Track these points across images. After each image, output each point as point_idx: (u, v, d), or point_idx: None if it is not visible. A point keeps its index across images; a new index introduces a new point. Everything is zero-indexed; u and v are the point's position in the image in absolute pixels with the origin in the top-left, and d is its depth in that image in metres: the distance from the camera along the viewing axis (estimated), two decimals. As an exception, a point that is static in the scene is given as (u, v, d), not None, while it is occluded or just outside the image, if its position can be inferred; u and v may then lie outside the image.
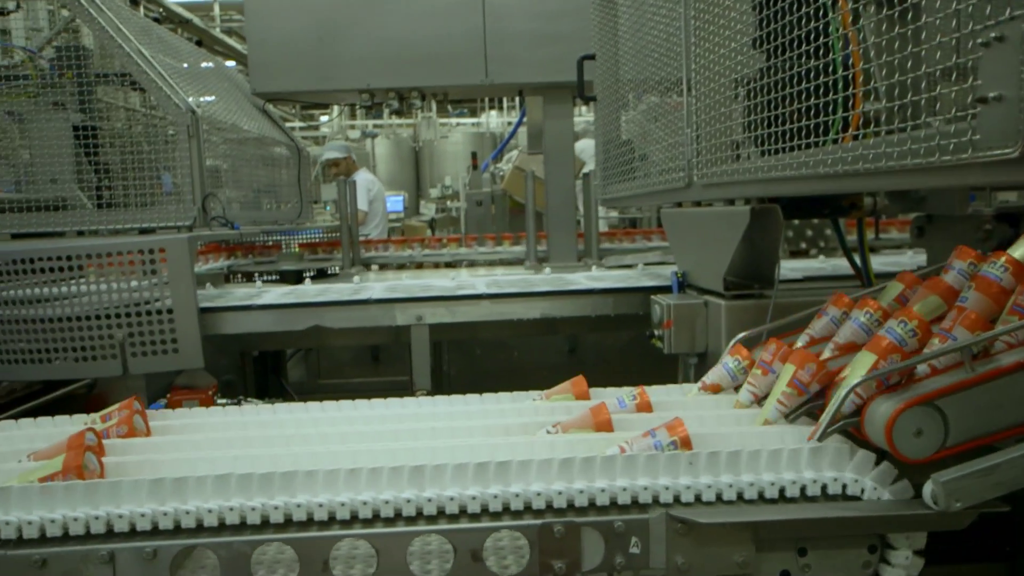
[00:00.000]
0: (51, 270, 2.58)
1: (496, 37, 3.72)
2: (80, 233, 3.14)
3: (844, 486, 1.37)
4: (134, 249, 2.46)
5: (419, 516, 1.39)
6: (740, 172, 1.79)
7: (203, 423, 1.84)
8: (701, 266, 2.45)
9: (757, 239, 2.08)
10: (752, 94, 1.68)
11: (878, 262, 2.98)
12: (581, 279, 3.11)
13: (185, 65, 3.72)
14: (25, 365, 2.59)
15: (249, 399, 2.62)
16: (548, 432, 1.66)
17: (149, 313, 2.44)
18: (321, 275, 4.08)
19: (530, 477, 1.41)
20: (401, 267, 4.39)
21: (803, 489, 1.38)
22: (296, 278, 4.02)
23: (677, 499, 1.38)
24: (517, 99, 5.03)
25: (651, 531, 1.36)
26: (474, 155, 7.98)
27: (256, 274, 3.97)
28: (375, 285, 3.15)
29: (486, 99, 14.31)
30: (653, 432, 1.50)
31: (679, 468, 1.40)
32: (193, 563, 1.43)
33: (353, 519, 1.37)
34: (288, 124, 5.41)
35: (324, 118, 15.27)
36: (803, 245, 3.70)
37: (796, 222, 3.68)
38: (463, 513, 1.39)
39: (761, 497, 1.38)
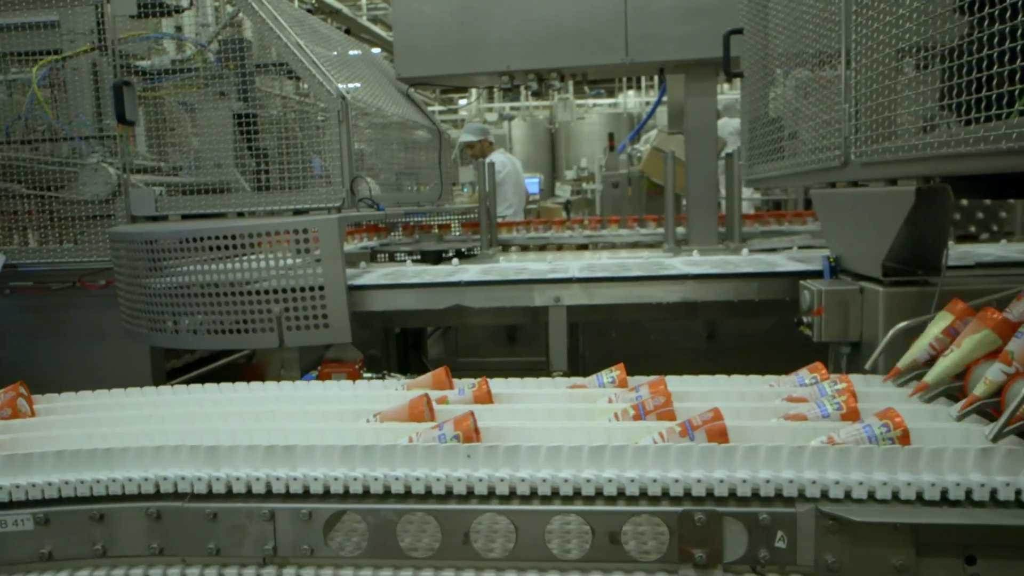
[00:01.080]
0: (216, 248, 2.78)
1: (637, 15, 3.65)
2: (240, 214, 3.36)
3: (1019, 492, 1.26)
4: (289, 229, 2.61)
5: (555, 495, 1.39)
6: (907, 150, 1.66)
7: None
8: (856, 250, 2.31)
9: (921, 221, 1.93)
10: (933, 62, 1.55)
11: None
12: (723, 262, 3.01)
13: (334, 53, 3.88)
14: (195, 335, 2.81)
15: (392, 374, 2.74)
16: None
17: (303, 290, 2.59)
18: (459, 255, 4.18)
19: (668, 463, 1.38)
20: (537, 248, 4.42)
21: (968, 493, 1.28)
22: (436, 258, 4.13)
23: (825, 495, 1.31)
24: (656, 78, 4.91)
25: (799, 526, 1.30)
26: (611, 136, 7.88)
27: (398, 254, 4.12)
28: (514, 266, 3.19)
29: (624, 79, 14.07)
30: (865, 424, 1.41)
31: (826, 462, 1.33)
32: (343, 527, 1.51)
33: (491, 495, 1.40)
34: (428, 108, 5.57)
35: (463, 101, 15.58)
36: (972, 229, 3.40)
37: (964, 203, 3.39)
38: (599, 495, 1.39)
39: (919, 499, 1.29)
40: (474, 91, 13.92)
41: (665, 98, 4.30)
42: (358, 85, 3.80)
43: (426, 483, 1.40)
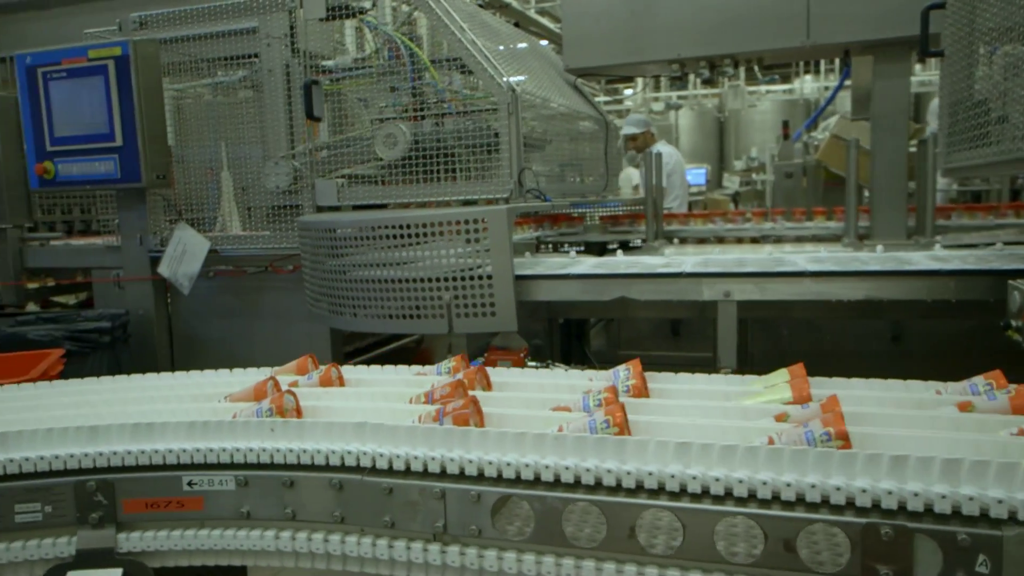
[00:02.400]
0: (391, 237, 2.92)
1: (820, -7, 3.43)
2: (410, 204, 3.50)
3: None
4: (460, 219, 2.69)
5: (727, 496, 1.35)
6: None
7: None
8: (1077, 247, 2.05)
9: None
10: None
11: None
12: (916, 258, 2.77)
13: (500, 47, 3.95)
14: (370, 319, 2.97)
15: (556, 364, 2.76)
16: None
17: (472, 278, 2.66)
18: (623, 247, 4.13)
19: (855, 471, 1.29)
20: (702, 241, 4.29)
21: None
22: (600, 249, 4.11)
23: (1039, 520, 1.17)
24: (838, 61, 4.59)
25: (1005, 551, 1.17)
26: (785, 124, 7.49)
27: (563, 244, 4.13)
28: (683, 259, 3.11)
29: (801, 63, 13.30)
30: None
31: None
32: (509, 510, 1.54)
33: (660, 490, 1.37)
34: (594, 99, 5.55)
35: (628, 91, 15.39)
36: None
37: None
38: (775, 499, 1.32)
39: None
40: (639, 80, 13.72)
41: (848, 82, 4.01)
42: (524, 77, 3.85)
43: (596, 474, 1.39)
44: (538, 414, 1.67)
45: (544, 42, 8.35)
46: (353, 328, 3.37)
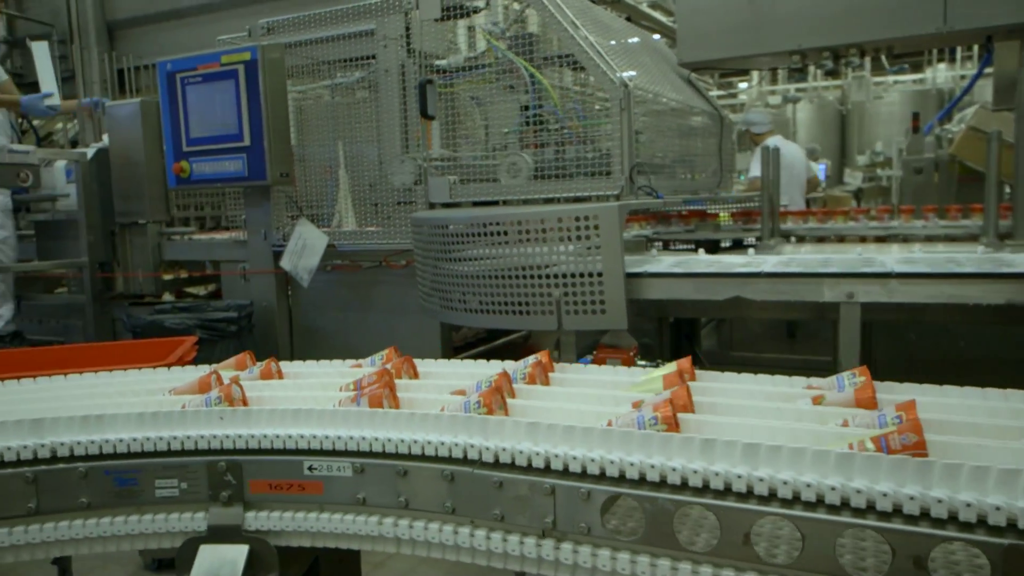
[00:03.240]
0: (501, 233, 2.95)
1: (959, -25, 3.20)
2: (523, 202, 3.53)
3: None
4: (571, 216, 2.68)
5: (844, 506, 1.28)
6: None
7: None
8: None
9: None
10: None
11: None
12: (1064, 261, 2.55)
13: (612, 42, 3.91)
14: (479, 314, 3.01)
15: (664, 363, 2.70)
16: None
17: (582, 275, 2.65)
18: (737, 245, 4.01)
19: (987, 486, 1.20)
20: (821, 240, 4.09)
21: None
22: (713, 247, 4.01)
23: None
24: (976, 48, 4.28)
25: None
26: (915, 116, 7.04)
27: (674, 242, 4.06)
28: (801, 258, 2.99)
29: (934, 51, 12.47)
30: None
31: None
32: (620, 510, 1.52)
33: (771, 496, 1.32)
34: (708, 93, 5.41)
35: (743, 85, 14.92)
36: None
37: None
38: (896, 512, 1.25)
39: None
40: (755, 73, 13.27)
41: (989, 69, 3.73)
42: (634, 73, 3.80)
43: (704, 476, 1.36)
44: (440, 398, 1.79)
45: (656, 36, 8.21)
46: (462, 323, 3.43)
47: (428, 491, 1.59)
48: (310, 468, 1.67)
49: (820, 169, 9.75)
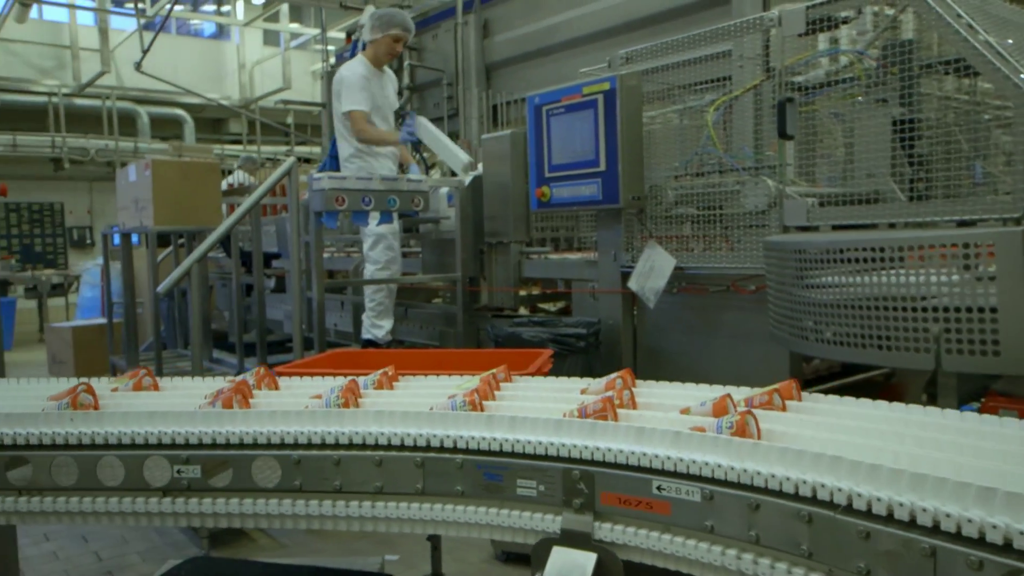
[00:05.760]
0: (864, 260, 2.70)
1: None
2: (891, 225, 3.19)
3: None
4: (958, 242, 2.35)
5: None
6: None
7: None
8: None
9: None
10: None
11: None
12: None
13: (1009, 40, 3.36)
14: (836, 346, 2.78)
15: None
16: None
17: (969, 310, 2.30)
18: None
19: None
20: None
21: None
22: None
23: None
24: None
25: None
26: None
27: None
28: None
29: None
30: None
31: None
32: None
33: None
34: None
35: None
36: None
37: None
38: None
39: None
40: None
41: None
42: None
43: None
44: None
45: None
46: (816, 354, 3.20)
47: (780, 529, 1.50)
48: (658, 488, 1.68)
49: None
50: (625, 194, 3.89)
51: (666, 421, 1.88)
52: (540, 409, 2.02)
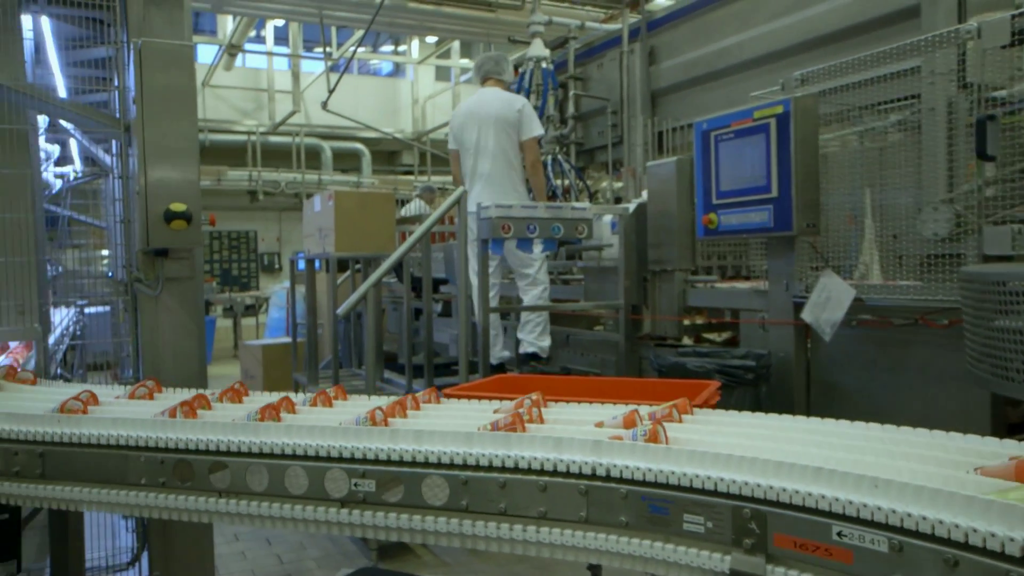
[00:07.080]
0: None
1: None
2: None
3: None
4: None
5: None
6: None
7: None
8: None
9: None
10: None
11: None
12: None
13: None
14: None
15: None
16: None
17: None
18: None
19: None
20: None
21: None
22: None
23: None
24: None
25: None
26: None
27: None
28: None
29: None
30: None
31: None
32: None
33: None
34: None
35: None
36: None
37: None
38: None
39: None
40: None
41: None
42: None
43: None
44: None
45: None
46: (1019, 396, 2.87)
47: None
48: (839, 534, 1.57)
49: None
50: (799, 221, 3.71)
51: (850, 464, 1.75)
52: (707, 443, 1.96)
